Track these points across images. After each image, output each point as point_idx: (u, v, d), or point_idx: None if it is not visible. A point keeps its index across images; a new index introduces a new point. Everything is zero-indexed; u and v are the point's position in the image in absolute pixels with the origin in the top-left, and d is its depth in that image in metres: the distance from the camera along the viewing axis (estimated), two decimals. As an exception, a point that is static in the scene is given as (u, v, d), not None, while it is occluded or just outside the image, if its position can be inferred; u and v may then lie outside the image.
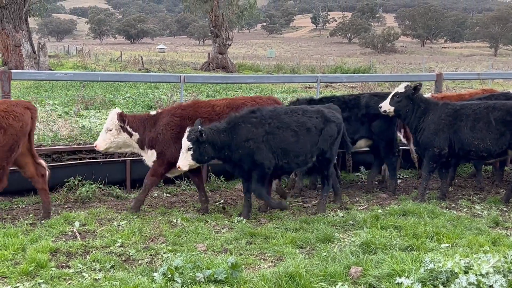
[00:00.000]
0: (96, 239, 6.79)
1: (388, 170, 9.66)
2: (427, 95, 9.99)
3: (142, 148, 8.22)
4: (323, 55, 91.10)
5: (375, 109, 9.03)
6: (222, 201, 8.89)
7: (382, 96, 9.25)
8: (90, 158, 9.87)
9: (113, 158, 9.88)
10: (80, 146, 10.25)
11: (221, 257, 6.02)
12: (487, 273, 5.01)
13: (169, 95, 17.15)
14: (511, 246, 6.30)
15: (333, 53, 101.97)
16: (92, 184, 8.88)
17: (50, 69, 34.74)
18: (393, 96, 8.87)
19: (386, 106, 8.87)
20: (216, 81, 14.35)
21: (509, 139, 8.16)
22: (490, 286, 4.90)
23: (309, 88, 27.29)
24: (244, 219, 7.64)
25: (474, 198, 9.02)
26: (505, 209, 8.36)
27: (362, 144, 9.59)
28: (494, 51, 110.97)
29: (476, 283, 4.89)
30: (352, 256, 5.92)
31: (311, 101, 9.40)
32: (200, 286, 5.20)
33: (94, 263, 5.92)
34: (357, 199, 9.09)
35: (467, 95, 10.20)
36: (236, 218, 7.73)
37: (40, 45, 37.09)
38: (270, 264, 6.05)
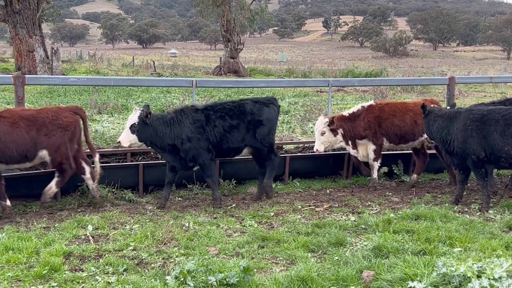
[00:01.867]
0: (109, 242, 6.84)
1: (268, 173, 9.31)
2: (371, 102, 10.29)
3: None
4: (335, 59, 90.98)
5: (258, 115, 9.05)
6: (234, 205, 8.91)
7: (263, 103, 9.29)
8: (103, 163, 9.92)
9: (126, 162, 9.94)
10: (93, 150, 10.30)
11: (233, 260, 6.04)
12: (500, 277, 4.99)
13: (181, 100, 17.23)
14: (525, 251, 6.26)
15: (344, 57, 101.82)
16: (104, 188, 8.93)
17: (63, 74, 34.96)
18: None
19: None
20: (227, 86, 14.40)
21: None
22: (503, 290, 4.88)
23: (320, 92, 27.28)
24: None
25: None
26: (518, 213, 8.31)
27: (247, 152, 9.29)
28: (507, 54, 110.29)
29: (489, 287, 4.87)
30: (364, 260, 5.92)
31: (197, 110, 8.97)
32: (212, 290, 5.22)
33: (107, 267, 5.96)
34: (369, 203, 9.07)
35: (411, 104, 10.20)
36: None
37: (53, 50, 37.34)
38: (282, 268, 6.07)
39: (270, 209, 8.58)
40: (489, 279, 4.95)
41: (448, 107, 9.31)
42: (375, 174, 10.11)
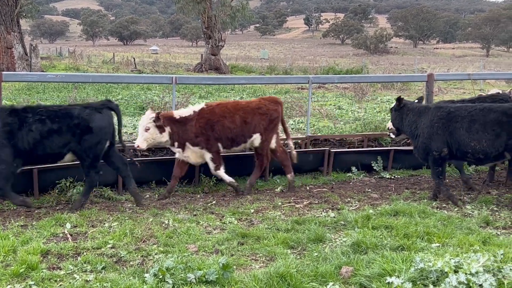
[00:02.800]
0: (88, 240, 6.79)
1: (84, 191, 8.58)
2: (202, 105, 9.53)
3: None
4: (316, 56, 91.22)
5: (87, 121, 8.22)
6: (214, 202, 8.89)
7: (95, 108, 8.43)
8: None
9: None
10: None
11: (213, 258, 6.04)
12: (476, 272, 5.04)
13: (161, 97, 17.14)
14: (501, 246, 6.33)
15: (326, 54, 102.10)
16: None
17: (42, 71, 34.61)
18: None
19: None
20: (208, 82, 14.35)
21: None
22: (480, 285, 4.93)
23: (301, 89, 27.33)
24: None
25: (465, 198, 9.06)
26: (495, 208, 8.41)
27: (70, 158, 8.49)
28: (486, 51, 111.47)
29: (466, 282, 4.92)
30: (343, 256, 5.94)
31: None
32: (191, 287, 5.21)
33: (85, 265, 5.92)
34: (348, 199, 9.11)
35: (243, 103, 9.80)
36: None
37: (32, 47, 36.96)
38: (262, 264, 6.07)
39: (250, 206, 8.58)
40: (466, 274, 5.00)
41: (416, 101, 9.51)
42: (227, 180, 9.37)
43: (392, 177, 10.77)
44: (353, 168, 10.93)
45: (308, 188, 9.96)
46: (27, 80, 13.07)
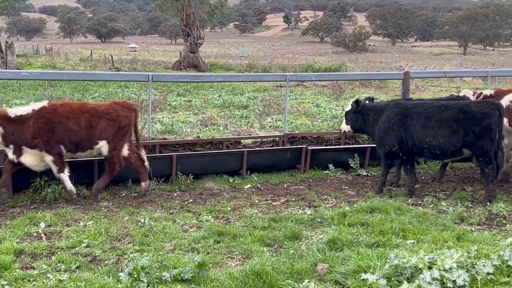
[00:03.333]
0: (62, 240, 6.71)
1: None
2: (44, 103, 8.79)
3: None
4: (295, 54, 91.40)
5: None
6: (191, 200, 8.85)
7: None
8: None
9: (80, 159, 9.76)
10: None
11: (188, 256, 6.01)
12: (450, 268, 5.08)
13: (138, 94, 17.02)
14: (475, 242, 6.39)
15: (305, 52, 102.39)
16: (58, 185, 8.75)
17: (18, 69, 34.19)
18: None
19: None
20: (184, 80, 14.31)
21: None
22: (454, 281, 4.97)
23: (280, 86, 27.37)
24: None
25: (440, 194, 9.15)
26: (470, 205, 8.49)
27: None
28: (463, 49, 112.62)
29: (439, 278, 4.96)
30: (319, 253, 5.95)
31: None
32: (167, 286, 5.18)
33: (59, 264, 5.85)
34: (325, 196, 9.13)
35: (90, 105, 9.07)
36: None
37: (7, 44, 36.49)
38: (238, 262, 6.05)
39: (227, 204, 8.56)
40: (439, 270, 5.04)
41: (367, 101, 9.84)
42: (68, 186, 8.64)
43: (369, 174, 10.83)
44: (330, 166, 10.97)
45: (285, 185, 9.96)
46: (0, 78, 12.87)
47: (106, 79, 14.62)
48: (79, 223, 7.44)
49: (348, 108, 9.71)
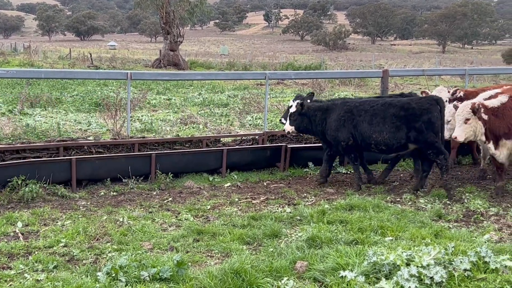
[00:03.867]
0: (39, 239, 6.66)
1: None
2: None
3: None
4: (276, 52, 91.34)
5: None
6: (170, 199, 8.81)
7: None
8: (34, 157, 9.65)
9: (58, 157, 9.69)
10: (23, 145, 10.02)
11: (167, 255, 6.00)
12: (428, 265, 5.14)
13: (117, 93, 16.87)
14: (452, 238, 6.46)
15: (285, 50, 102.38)
16: (36, 184, 8.66)
17: (-5, 67, 33.77)
18: None
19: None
20: (163, 78, 14.24)
21: None
22: (431, 277, 5.03)
23: (260, 85, 27.36)
24: None
25: (418, 192, 9.21)
26: (448, 202, 8.57)
27: None
28: (442, 48, 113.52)
29: (417, 275, 5.00)
30: (298, 251, 5.98)
31: None
32: (145, 285, 5.16)
33: (37, 264, 5.82)
34: (305, 194, 9.16)
35: None
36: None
37: (-16, 42, 36.03)
38: (217, 261, 6.05)
39: (206, 202, 8.55)
40: (417, 267, 5.09)
41: (308, 100, 10.04)
42: None
43: (348, 172, 10.86)
44: (310, 164, 10.98)
45: (265, 183, 9.96)
46: (-24, 76, 12.72)
47: (84, 77, 14.51)
48: (57, 222, 7.38)
49: (293, 109, 9.79)
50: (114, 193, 9.12)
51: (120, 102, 12.78)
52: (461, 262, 5.27)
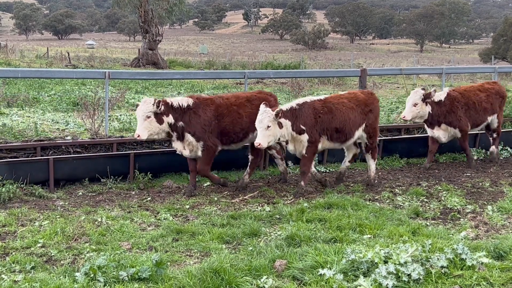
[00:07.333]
0: (17, 240, 6.60)
1: None
2: None
3: None
4: (255, 51, 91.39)
5: None
6: (149, 198, 8.78)
7: None
8: (11, 157, 9.56)
9: (35, 157, 9.61)
10: (0, 145, 9.92)
11: (146, 255, 5.97)
12: (405, 262, 5.20)
13: (95, 92, 16.73)
14: (430, 236, 6.53)
15: (265, 49, 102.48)
16: (13, 184, 8.57)
17: (-29, 66, 33.31)
18: None
19: None
20: (142, 77, 14.13)
21: None
22: (408, 274, 5.09)
23: (240, 84, 27.34)
24: None
25: (396, 190, 9.30)
26: (425, 200, 8.67)
27: None
28: (420, 47, 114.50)
29: (395, 272, 5.06)
30: (277, 250, 6.00)
31: None
32: (124, 285, 5.14)
33: (14, 265, 5.76)
34: (284, 193, 9.19)
35: None
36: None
37: (-41, 41, 35.52)
38: (196, 260, 6.05)
39: (186, 202, 8.55)
40: (395, 264, 5.14)
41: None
42: None
43: (327, 171, 10.93)
44: (289, 162, 11.01)
45: (244, 182, 9.96)
46: (-50, 75, 12.53)
47: (62, 76, 14.40)
48: (34, 223, 7.32)
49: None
50: (92, 193, 9.08)
51: (98, 102, 12.68)
52: (438, 259, 5.34)
